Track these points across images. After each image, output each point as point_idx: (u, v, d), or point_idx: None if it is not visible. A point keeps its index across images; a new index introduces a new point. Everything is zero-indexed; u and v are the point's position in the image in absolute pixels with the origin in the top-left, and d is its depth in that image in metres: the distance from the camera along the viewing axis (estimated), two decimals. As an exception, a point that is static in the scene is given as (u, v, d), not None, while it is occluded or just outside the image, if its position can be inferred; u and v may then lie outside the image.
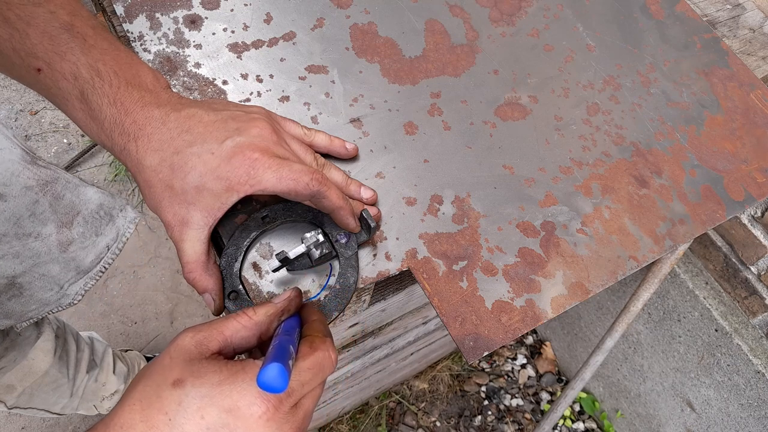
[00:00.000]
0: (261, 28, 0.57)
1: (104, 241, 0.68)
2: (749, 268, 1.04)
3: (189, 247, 0.41)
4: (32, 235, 0.61)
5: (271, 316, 0.37)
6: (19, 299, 0.65)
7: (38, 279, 0.64)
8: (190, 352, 0.33)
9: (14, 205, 0.60)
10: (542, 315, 0.49)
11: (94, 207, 0.67)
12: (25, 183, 0.61)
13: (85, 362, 1.10)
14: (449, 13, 0.64)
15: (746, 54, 0.79)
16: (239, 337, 0.35)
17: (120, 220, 0.70)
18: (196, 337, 0.34)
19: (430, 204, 0.52)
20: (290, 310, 0.39)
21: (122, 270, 1.60)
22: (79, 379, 1.08)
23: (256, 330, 0.36)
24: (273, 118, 0.46)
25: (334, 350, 0.37)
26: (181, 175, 0.39)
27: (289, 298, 0.39)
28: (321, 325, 0.39)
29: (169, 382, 0.31)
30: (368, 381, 1.15)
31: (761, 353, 1.04)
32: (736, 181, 0.63)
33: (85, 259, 0.67)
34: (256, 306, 0.37)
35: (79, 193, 0.66)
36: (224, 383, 0.32)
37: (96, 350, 1.17)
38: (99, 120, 0.39)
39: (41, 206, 0.62)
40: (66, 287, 0.67)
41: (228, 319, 0.36)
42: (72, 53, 0.39)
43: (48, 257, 0.64)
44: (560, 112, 0.61)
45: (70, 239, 0.65)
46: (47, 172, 0.63)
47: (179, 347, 0.33)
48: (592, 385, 1.55)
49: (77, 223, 0.65)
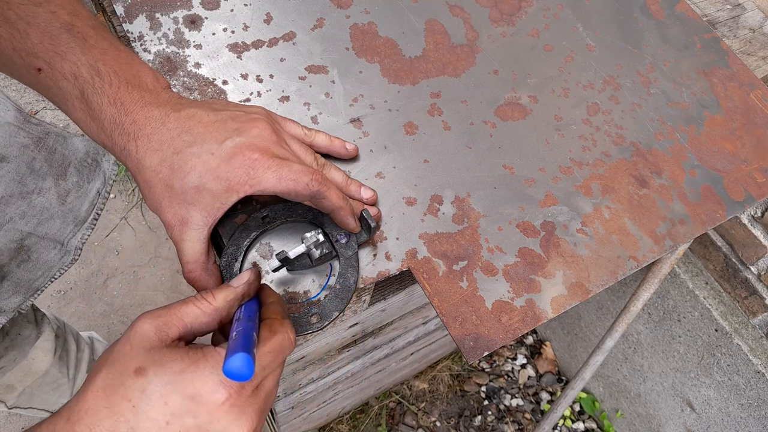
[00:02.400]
0: (261, 28, 0.57)
1: (95, 186, 0.71)
2: (749, 268, 1.04)
3: (189, 247, 0.41)
4: (34, 191, 0.63)
5: (230, 301, 0.37)
6: (27, 264, 0.66)
7: (42, 239, 0.66)
8: (150, 339, 0.33)
9: (16, 165, 0.61)
10: (542, 315, 0.49)
11: (82, 155, 0.70)
12: (23, 142, 0.62)
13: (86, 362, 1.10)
14: (449, 13, 0.64)
15: (746, 54, 0.79)
16: (199, 323, 0.36)
17: (105, 164, 0.73)
18: (155, 323, 0.33)
19: (430, 204, 0.52)
20: (250, 294, 0.39)
21: (122, 270, 1.60)
22: (79, 378, 1.08)
23: (216, 315, 0.36)
24: (273, 119, 0.46)
25: (292, 331, 0.37)
26: (180, 175, 0.39)
27: (249, 281, 0.38)
28: (279, 307, 0.39)
29: (131, 371, 0.31)
30: (368, 381, 1.15)
31: (761, 353, 1.04)
32: (736, 181, 0.63)
33: (81, 208, 0.70)
34: (215, 290, 0.37)
35: (68, 144, 0.68)
36: (186, 371, 0.32)
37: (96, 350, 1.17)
38: (99, 120, 0.39)
39: (38, 162, 0.64)
40: (66, 243, 0.69)
41: (187, 304, 0.35)
42: (72, 53, 0.39)
43: (49, 213, 0.66)
44: (560, 112, 0.61)
45: (67, 189, 0.67)
46: (39, 128, 0.65)
47: (138, 334, 0.33)
48: (592, 385, 1.55)
49: (70, 174, 0.68)
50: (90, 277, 1.58)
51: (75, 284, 1.57)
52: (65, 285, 1.56)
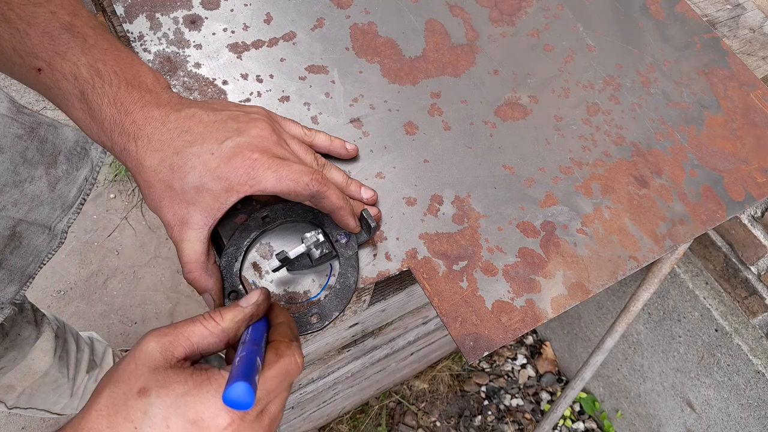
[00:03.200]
0: (261, 28, 0.57)
1: (83, 173, 0.73)
2: (749, 268, 1.04)
3: (189, 247, 0.41)
4: (27, 180, 0.65)
5: (238, 322, 0.36)
6: (19, 251, 0.68)
7: (32, 225, 0.68)
8: (155, 359, 0.33)
9: (10, 155, 0.63)
10: (542, 315, 0.49)
11: (71, 144, 0.72)
12: (16, 132, 0.63)
13: (85, 362, 1.10)
14: (449, 13, 0.64)
15: (746, 54, 0.79)
16: (206, 343, 0.35)
17: (93, 152, 0.75)
18: (161, 342, 0.33)
19: (430, 204, 0.52)
20: (258, 315, 0.38)
21: (122, 270, 1.60)
22: (79, 379, 1.08)
23: (224, 336, 0.36)
24: (273, 119, 0.46)
25: (300, 354, 0.36)
26: (180, 175, 0.39)
27: (257, 302, 0.38)
28: (287, 329, 0.38)
29: (135, 391, 0.31)
30: (368, 381, 1.15)
31: (761, 353, 1.04)
32: (736, 181, 0.63)
33: (69, 194, 0.72)
34: (224, 310, 0.37)
35: (58, 134, 0.70)
36: (189, 394, 0.31)
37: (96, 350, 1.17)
38: (99, 120, 0.39)
39: (31, 152, 0.65)
40: (53, 227, 0.71)
41: (195, 324, 0.35)
42: (72, 53, 0.39)
43: (39, 200, 0.67)
44: (560, 112, 0.61)
45: (57, 177, 0.69)
46: (31, 119, 0.66)
47: (144, 353, 0.33)
48: (592, 385, 1.55)
49: (60, 162, 0.69)
50: (90, 277, 1.58)
51: (75, 284, 1.57)
52: (65, 285, 1.56)
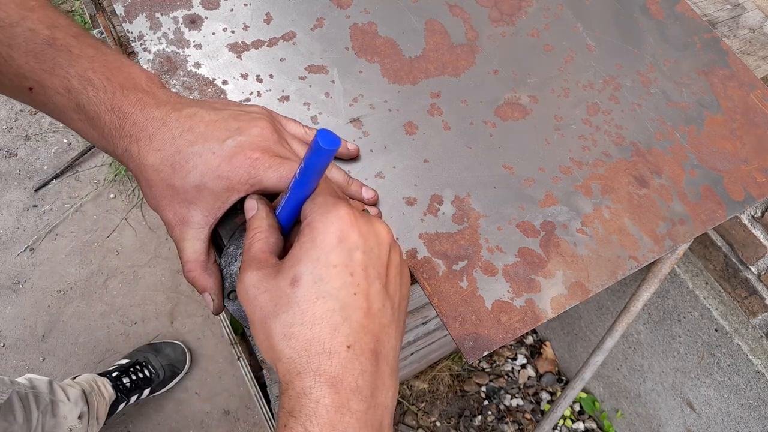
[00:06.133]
0: (261, 28, 0.57)
1: None
2: (749, 268, 1.04)
3: (189, 246, 0.41)
4: None
5: (266, 214, 0.39)
6: None
7: None
8: (265, 268, 0.36)
9: None
10: (542, 315, 0.49)
11: None
12: None
13: (32, 402, 1.06)
14: (449, 13, 0.64)
15: (746, 54, 0.79)
16: (271, 243, 0.38)
17: None
18: (257, 274, 0.36)
19: (430, 204, 0.52)
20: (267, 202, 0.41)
21: (122, 270, 1.60)
22: (33, 420, 1.05)
23: (275, 230, 0.39)
24: (274, 118, 0.46)
25: None
26: (182, 174, 0.39)
27: (257, 205, 0.40)
28: None
29: (288, 282, 0.34)
30: (368, 381, 1.15)
31: (761, 353, 1.04)
32: (736, 181, 0.63)
33: None
34: (250, 220, 0.39)
35: None
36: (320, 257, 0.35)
37: (37, 387, 1.12)
38: (99, 127, 0.39)
39: None
40: None
41: (257, 241, 0.38)
42: (60, 67, 0.38)
43: None
44: (560, 112, 0.61)
45: None
46: None
47: (248, 285, 0.35)
48: (592, 385, 1.55)
49: None
50: (90, 277, 1.58)
51: (75, 284, 1.56)
52: (65, 285, 1.56)
